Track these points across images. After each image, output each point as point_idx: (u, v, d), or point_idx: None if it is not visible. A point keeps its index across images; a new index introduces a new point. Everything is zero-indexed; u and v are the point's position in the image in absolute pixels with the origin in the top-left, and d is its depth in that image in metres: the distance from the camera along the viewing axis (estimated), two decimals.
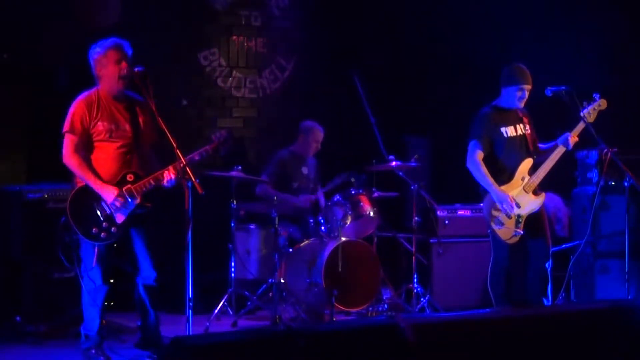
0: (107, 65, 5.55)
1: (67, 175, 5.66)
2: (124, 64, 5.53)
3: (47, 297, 6.52)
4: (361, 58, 8.49)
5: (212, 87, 8.50)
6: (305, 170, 7.84)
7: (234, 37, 8.56)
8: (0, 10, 7.17)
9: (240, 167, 7.11)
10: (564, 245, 7.23)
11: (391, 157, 7.39)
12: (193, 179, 5.24)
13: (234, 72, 8.56)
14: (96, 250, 5.50)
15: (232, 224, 7.17)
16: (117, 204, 5.44)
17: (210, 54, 8.47)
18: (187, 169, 5.27)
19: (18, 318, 6.43)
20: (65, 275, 6.54)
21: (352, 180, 7.42)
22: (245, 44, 8.61)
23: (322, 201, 7.74)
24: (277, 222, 7.01)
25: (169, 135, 5.35)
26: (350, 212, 7.24)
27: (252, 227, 7.39)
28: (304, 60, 8.80)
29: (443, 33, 8.54)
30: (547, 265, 6.13)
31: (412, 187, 7.31)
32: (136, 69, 5.48)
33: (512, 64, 6.19)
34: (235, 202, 7.17)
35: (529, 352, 3.41)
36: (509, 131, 6.17)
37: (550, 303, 6.17)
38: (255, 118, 8.67)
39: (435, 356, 3.27)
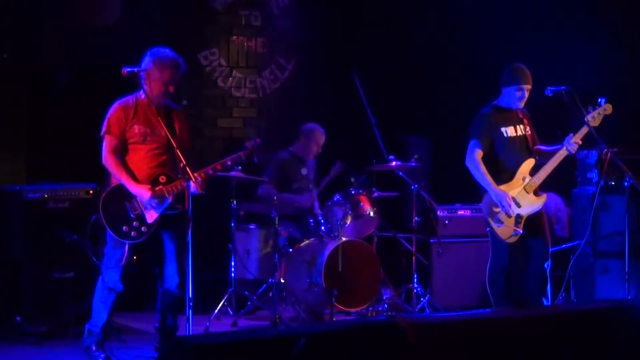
0: (159, 81, 5.61)
1: (67, 176, 5.68)
2: (172, 87, 5.64)
3: (47, 297, 6.52)
4: (361, 58, 8.49)
5: (212, 87, 8.50)
6: (304, 171, 7.84)
7: (234, 37, 8.56)
8: (1, 10, 7.17)
9: (240, 167, 7.11)
10: (564, 245, 7.22)
11: (391, 157, 7.39)
12: (193, 178, 5.27)
13: (234, 72, 8.56)
14: (125, 249, 5.57)
15: (232, 224, 7.17)
16: (153, 203, 5.52)
17: (210, 54, 8.47)
18: (187, 168, 5.29)
19: (18, 318, 6.43)
20: (66, 275, 6.55)
21: (352, 180, 7.42)
22: (245, 44, 8.61)
23: (317, 205, 7.74)
24: (277, 222, 7.01)
25: (169, 136, 5.41)
26: (350, 212, 7.24)
27: (252, 227, 7.39)
28: (304, 60, 8.80)
29: (443, 33, 8.53)
30: (546, 265, 6.13)
31: (412, 187, 7.31)
32: (124, 71, 5.52)
33: (512, 64, 6.19)
34: (235, 202, 7.17)
35: (529, 352, 3.41)
36: (509, 131, 6.18)
37: (549, 303, 6.17)
38: (255, 118, 8.67)
39: (435, 356, 3.27)
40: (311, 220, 7.40)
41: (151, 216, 5.56)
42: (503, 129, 6.17)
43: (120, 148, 5.63)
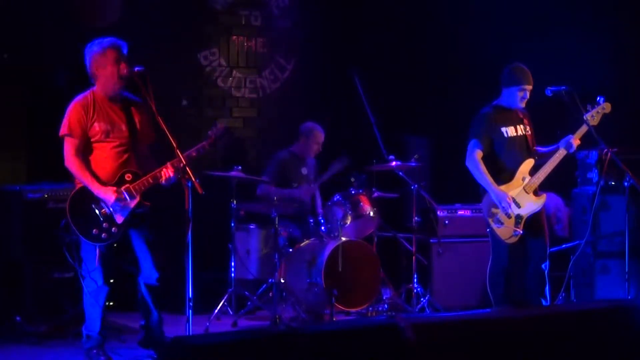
0: (106, 65, 5.53)
1: (67, 175, 5.66)
2: (122, 64, 5.52)
3: (47, 297, 6.52)
4: (361, 58, 8.49)
5: (212, 87, 8.50)
6: (304, 170, 7.84)
7: (234, 37, 8.56)
8: (1, 10, 7.17)
9: (240, 167, 7.12)
10: (564, 245, 7.22)
11: (391, 157, 7.39)
12: (193, 178, 5.25)
13: (234, 72, 8.57)
14: (97, 251, 5.50)
15: (232, 224, 7.17)
16: (118, 206, 5.44)
17: (210, 54, 8.47)
18: (187, 168, 5.28)
19: (18, 318, 6.43)
20: (66, 275, 6.54)
21: (352, 180, 7.42)
22: (245, 44, 8.61)
23: (319, 201, 7.74)
24: (277, 222, 7.01)
25: (169, 135, 5.37)
26: (350, 212, 7.24)
27: (252, 227, 7.40)
28: (304, 60, 8.80)
29: (443, 33, 8.54)
30: (543, 266, 6.13)
31: (412, 187, 7.31)
32: (136, 69, 5.48)
33: (512, 64, 6.19)
34: (235, 202, 7.17)
35: (529, 352, 3.41)
36: (510, 131, 6.18)
37: (548, 304, 6.16)
38: (255, 118, 8.67)
39: (435, 356, 3.27)
40: (311, 220, 7.40)
41: (120, 216, 5.47)
42: (503, 129, 6.17)
43: (83, 148, 5.52)
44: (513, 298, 6.15)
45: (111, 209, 5.45)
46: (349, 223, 7.24)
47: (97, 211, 5.45)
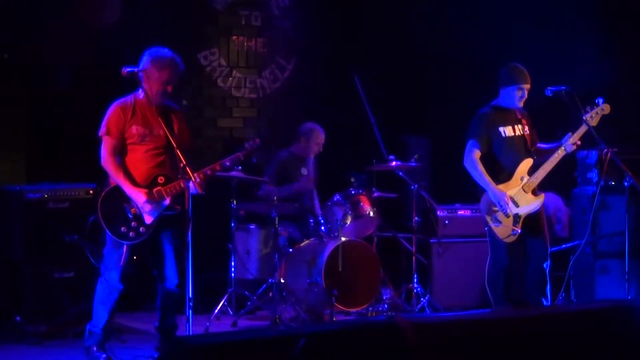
0: (157, 81, 5.59)
1: (67, 176, 5.68)
2: (170, 87, 5.62)
3: (47, 297, 6.52)
4: (361, 58, 8.49)
5: (212, 87, 8.50)
6: (304, 170, 7.84)
7: (234, 37, 8.56)
8: (1, 10, 7.17)
9: (240, 167, 7.11)
10: (564, 245, 7.22)
11: (391, 157, 7.39)
12: (193, 178, 5.26)
13: (234, 72, 8.57)
14: (125, 248, 5.57)
15: (232, 224, 7.18)
16: (147, 207, 5.51)
17: (210, 54, 8.47)
18: (187, 168, 5.29)
19: (18, 318, 6.43)
20: (65, 275, 6.55)
21: (352, 180, 7.42)
22: (245, 44, 8.61)
23: (317, 201, 7.74)
24: (277, 222, 7.01)
25: (169, 136, 5.41)
26: (350, 212, 7.24)
27: (252, 227, 7.40)
28: (304, 60, 8.80)
29: (443, 33, 8.53)
30: (545, 265, 6.13)
31: (412, 187, 7.32)
32: (125, 71, 5.50)
33: (509, 64, 6.19)
34: (235, 202, 7.17)
35: (529, 352, 3.41)
36: (507, 131, 6.18)
37: (549, 303, 6.17)
38: (255, 118, 8.67)
39: (435, 356, 3.27)
40: (311, 220, 7.40)
41: (149, 217, 5.55)
42: (501, 129, 6.17)
43: (119, 148, 5.62)
44: (513, 298, 6.15)
45: (141, 210, 5.51)
46: (349, 223, 7.24)
47: (127, 210, 5.52)
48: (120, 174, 5.55)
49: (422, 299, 7.28)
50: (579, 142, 6.07)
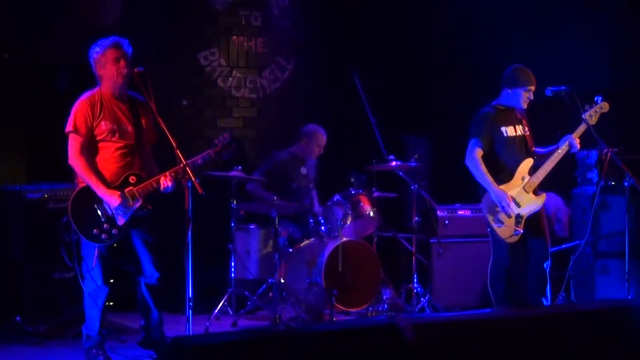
0: (106, 64, 5.52)
1: (67, 175, 5.66)
2: (122, 62, 5.51)
3: (47, 297, 6.52)
4: (361, 58, 8.49)
5: (212, 87, 8.50)
6: (304, 170, 7.83)
7: (234, 37, 8.56)
8: (1, 10, 7.17)
9: (240, 167, 7.12)
10: (564, 245, 7.23)
11: (391, 157, 7.39)
12: (193, 179, 5.25)
13: (234, 72, 8.57)
14: (97, 251, 5.49)
15: (232, 224, 7.18)
16: (122, 209, 5.44)
17: (210, 54, 8.47)
18: (188, 169, 5.28)
19: (18, 318, 6.43)
20: (65, 275, 6.54)
21: (352, 180, 7.42)
22: (245, 44, 8.61)
23: (316, 202, 7.74)
24: (277, 222, 7.01)
25: (169, 136, 5.37)
26: (350, 212, 7.25)
27: (252, 227, 7.39)
28: (304, 60, 8.80)
29: (443, 33, 8.54)
30: (545, 265, 6.14)
31: (412, 187, 7.32)
32: (136, 69, 5.48)
33: (515, 66, 6.20)
34: (235, 202, 7.17)
35: (529, 352, 3.41)
36: (509, 131, 6.18)
37: (549, 303, 6.17)
38: (255, 118, 8.67)
39: (435, 356, 3.27)
40: (311, 220, 7.40)
41: (122, 219, 5.47)
42: (503, 129, 6.17)
43: (88, 146, 5.49)
44: (513, 298, 6.15)
45: (113, 211, 5.45)
46: (349, 223, 7.25)
47: (99, 212, 5.44)
48: (91, 175, 5.42)
49: (422, 299, 7.28)
50: (578, 141, 6.08)
